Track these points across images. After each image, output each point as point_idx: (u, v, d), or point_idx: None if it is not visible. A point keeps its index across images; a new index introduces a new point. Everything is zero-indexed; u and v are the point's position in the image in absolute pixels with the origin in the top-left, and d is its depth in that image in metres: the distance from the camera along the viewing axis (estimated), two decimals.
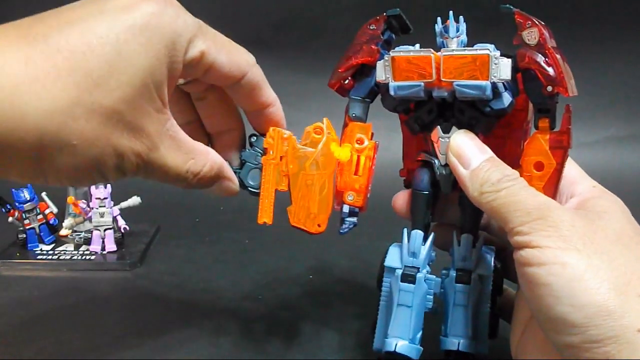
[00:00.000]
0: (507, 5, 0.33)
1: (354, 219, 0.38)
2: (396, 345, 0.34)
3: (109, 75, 0.25)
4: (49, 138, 0.25)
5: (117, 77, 0.26)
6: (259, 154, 0.38)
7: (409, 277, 0.35)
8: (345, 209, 0.38)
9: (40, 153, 0.25)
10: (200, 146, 0.33)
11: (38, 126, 0.24)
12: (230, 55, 0.32)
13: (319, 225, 0.37)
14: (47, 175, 0.26)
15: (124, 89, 0.26)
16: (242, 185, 0.38)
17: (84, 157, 0.26)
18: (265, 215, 0.38)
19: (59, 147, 0.25)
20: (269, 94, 0.36)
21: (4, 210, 0.61)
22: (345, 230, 0.38)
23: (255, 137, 0.38)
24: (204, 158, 0.33)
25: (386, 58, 0.34)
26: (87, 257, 0.60)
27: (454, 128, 0.35)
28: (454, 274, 0.36)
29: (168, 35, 0.28)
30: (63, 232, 0.63)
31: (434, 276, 0.36)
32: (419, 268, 0.36)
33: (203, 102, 0.37)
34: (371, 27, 0.36)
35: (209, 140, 0.39)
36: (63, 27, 0.25)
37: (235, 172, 0.37)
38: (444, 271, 0.37)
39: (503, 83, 0.33)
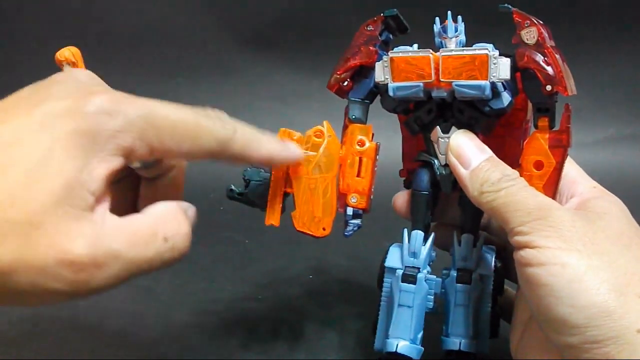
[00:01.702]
0: (506, 5, 0.33)
1: (358, 221, 0.38)
2: (397, 345, 0.34)
3: (26, 187, 0.23)
4: None
5: (35, 187, 0.24)
6: (262, 170, 0.38)
7: (409, 278, 0.35)
8: (349, 211, 0.38)
9: None
10: (155, 210, 0.29)
11: None
12: (195, 142, 0.28)
13: (324, 229, 0.37)
14: None
15: (42, 199, 0.24)
16: (251, 203, 0.38)
17: (3, 281, 0.23)
18: (273, 218, 0.38)
19: None
20: (260, 153, 0.32)
21: None
22: (350, 232, 0.38)
23: None
24: (171, 213, 0.29)
25: (385, 59, 0.34)
26: None
27: (453, 128, 0.35)
28: (455, 274, 0.36)
29: (104, 135, 0.25)
30: None
31: (435, 276, 0.36)
32: (419, 268, 0.35)
33: (153, 184, 0.34)
34: (368, 28, 0.36)
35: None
36: None
37: (241, 193, 0.37)
38: (444, 271, 0.37)
39: (502, 82, 0.33)
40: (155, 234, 0.27)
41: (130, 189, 0.31)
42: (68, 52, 0.79)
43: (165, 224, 0.28)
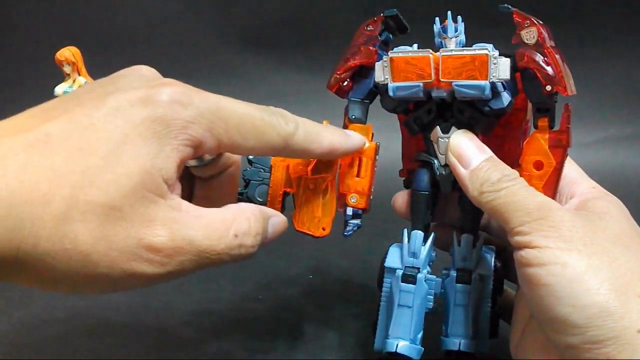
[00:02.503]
0: (506, 5, 0.33)
1: (358, 221, 0.38)
2: (397, 345, 0.34)
3: (105, 170, 0.24)
4: (43, 245, 0.23)
5: (114, 171, 0.24)
6: (262, 170, 0.38)
7: (409, 278, 0.35)
8: (349, 211, 0.38)
9: (33, 262, 0.23)
10: (229, 207, 0.29)
11: (33, 234, 0.23)
12: (260, 137, 0.29)
13: (323, 229, 0.37)
14: (46, 283, 0.25)
15: (121, 182, 0.24)
16: (250, 203, 0.38)
17: (82, 262, 0.24)
18: None
19: (52, 254, 0.23)
20: (322, 146, 0.33)
21: None
22: (350, 232, 0.38)
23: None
24: (244, 213, 0.29)
25: (384, 59, 0.34)
26: None
27: (453, 128, 0.34)
28: (455, 274, 0.36)
29: (177, 125, 0.26)
30: None
31: (435, 276, 0.36)
32: (419, 268, 0.35)
33: (207, 183, 0.35)
34: (368, 28, 0.36)
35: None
36: (64, 125, 0.24)
37: (241, 193, 0.37)
38: (444, 271, 0.37)
39: (502, 83, 0.33)
40: (227, 228, 0.28)
41: (184, 189, 0.31)
42: (68, 52, 0.79)
43: (237, 221, 0.28)
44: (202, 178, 0.34)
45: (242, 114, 0.29)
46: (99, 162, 0.24)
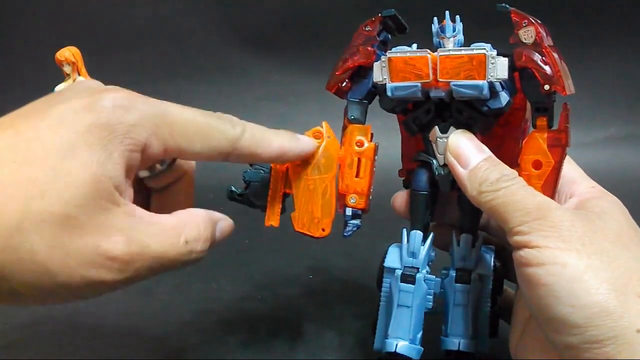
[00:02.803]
0: (504, 4, 0.33)
1: (358, 221, 0.38)
2: (396, 345, 0.34)
3: (55, 179, 0.24)
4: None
5: (64, 180, 0.24)
6: (262, 171, 0.38)
7: (408, 278, 0.35)
8: (349, 211, 0.38)
9: None
10: (179, 213, 0.29)
11: None
12: (207, 141, 0.29)
13: (323, 230, 0.37)
14: (5, 296, 0.24)
15: (72, 191, 0.24)
16: (251, 204, 0.38)
17: (39, 272, 0.24)
18: (272, 219, 0.38)
19: (9, 265, 0.23)
20: (271, 149, 0.32)
21: None
22: (349, 233, 0.38)
23: None
24: (194, 219, 0.30)
25: (383, 59, 0.34)
26: None
27: (452, 128, 0.34)
28: (454, 274, 0.36)
29: (121, 129, 0.26)
30: None
31: (434, 276, 0.36)
32: (418, 268, 0.35)
33: (161, 194, 0.34)
34: (367, 29, 0.36)
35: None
36: (10, 139, 0.24)
37: (241, 194, 0.37)
38: (443, 271, 0.37)
39: (500, 82, 0.33)
40: (178, 235, 0.28)
41: (139, 201, 0.31)
42: (68, 52, 0.79)
43: (188, 227, 0.29)
44: (157, 189, 0.34)
45: (187, 118, 0.29)
46: (48, 172, 0.24)
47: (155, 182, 0.33)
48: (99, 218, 0.25)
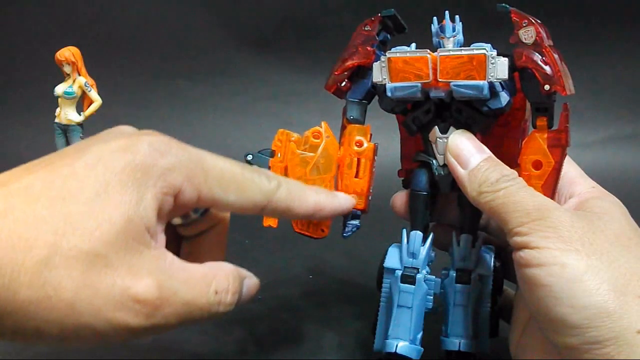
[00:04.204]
0: (504, 4, 0.33)
1: (357, 222, 0.38)
2: (397, 346, 0.34)
3: (87, 216, 0.24)
4: (24, 292, 0.22)
5: (96, 217, 0.24)
6: None
7: (408, 278, 0.35)
8: None
9: (14, 311, 0.22)
10: (209, 264, 0.29)
11: (13, 280, 0.22)
12: (241, 193, 0.29)
13: (322, 230, 0.37)
14: (29, 335, 0.23)
15: (104, 229, 0.24)
16: None
17: (65, 311, 0.23)
18: (271, 219, 0.38)
19: (35, 301, 0.23)
20: (307, 205, 0.32)
21: None
22: (349, 233, 0.38)
23: (251, 156, 0.38)
24: (224, 270, 0.29)
25: (382, 59, 0.34)
26: None
27: (451, 128, 0.34)
28: (454, 274, 0.36)
29: (156, 172, 0.26)
30: None
31: (434, 277, 0.36)
32: (418, 269, 0.35)
33: (192, 242, 0.34)
34: (366, 28, 0.36)
35: None
36: (45, 175, 0.24)
37: None
38: (443, 271, 0.37)
39: (500, 82, 0.32)
40: (208, 284, 0.27)
41: (171, 250, 0.30)
42: (68, 52, 0.79)
43: (217, 278, 0.28)
44: (188, 237, 0.34)
45: (222, 167, 0.29)
46: (81, 208, 0.24)
47: (188, 230, 0.33)
48: (130, 259, 0.24)
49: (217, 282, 0.28)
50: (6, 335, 0.24)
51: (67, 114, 0.77)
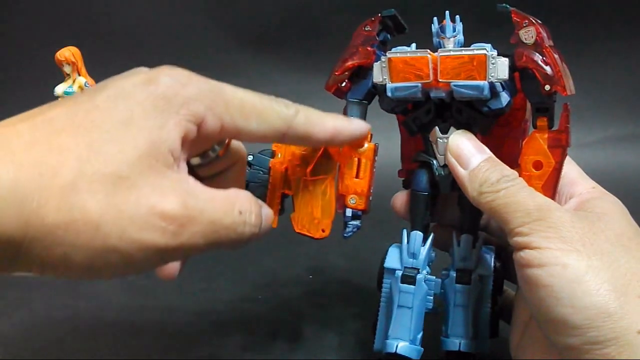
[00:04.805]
0: (504, 4, 0.33)
1: (358, 222, 0.38)
2: (397, 346, 0.34)
3: (110, 142, 0.24)
4: (52, 216, 0.23)
5: (120, 142, 0.24)
6: (260, 172, 0.38)
7: (408, 279, 0.35)
8: (348, 212, 0.37)
9: (43, 237, 0.23)
10: (229, 190, 0.29)
11: (41, 205, 0.23)
12: (262, 120, 0.30)
13: (323, 230, 0.37)
14: (57, 264, 0.24)
15: (127, 152, 0.24)
16: None
17: (92, 233, 0.23)
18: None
19: (62, 225, 0.23)
20: (325, 130, 0.33)
21: None
22: (349, 233, 0.38)
23: (252, 156, 0.38)
24: (244, 194, 0.29)
25: (383, 59, 0.34)
26: None
27: (452, 128, 0.34)
28: (454, 275, 0.36)
29: (178, 101, 0.26)
30: None
31: (434, 277, 0.36)
32: (418, 269, 0.35)
33: (212, 182, 0.34)
34: (366, 29, 0.36)
35: None
36: (68, 109, 0.25)
37: None
38: (443, 272, 0.37)
39: (501, 82, 0.32)
40: (232, 204, 0.28)
41: None
42: (68, 52, 0.79)
43: (240, 200, 0.28)
44: (207, 177, 0.34)
45: (242, 97, 0.29)
46: (104, 136, 0.24)
47: (206, 170, 0.33)
48: (154, 179, 0.25)
49: (240, 203, 0.28)
50: (35, 265, 0.24)
51: None
